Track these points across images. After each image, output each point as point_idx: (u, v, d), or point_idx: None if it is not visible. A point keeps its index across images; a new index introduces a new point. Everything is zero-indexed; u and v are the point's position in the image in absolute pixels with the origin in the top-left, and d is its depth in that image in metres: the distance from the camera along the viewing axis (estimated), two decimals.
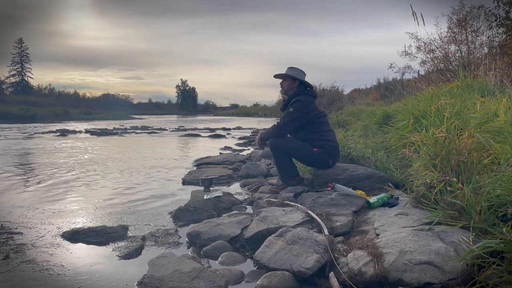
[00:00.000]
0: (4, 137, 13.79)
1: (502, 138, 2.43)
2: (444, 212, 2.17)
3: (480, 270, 1.73)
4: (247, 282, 2.14)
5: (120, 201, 4.08)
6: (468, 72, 7.06)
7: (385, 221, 2.50)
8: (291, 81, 3.79)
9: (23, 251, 2.57)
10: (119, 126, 22.33)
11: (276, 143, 3.68)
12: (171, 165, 6.87)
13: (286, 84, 3.81)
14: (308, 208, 2.86)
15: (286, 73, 3.77)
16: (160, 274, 1.99)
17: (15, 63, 59.15)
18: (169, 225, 3.23)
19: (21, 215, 3.50)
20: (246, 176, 5.26)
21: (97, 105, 51.14)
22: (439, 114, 3.10)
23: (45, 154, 8.65)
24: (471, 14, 12.88)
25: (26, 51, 60.01)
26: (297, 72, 3.78)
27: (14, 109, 32.16)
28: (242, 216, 3.08)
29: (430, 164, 2.51)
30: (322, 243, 2.17)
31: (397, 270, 1.83)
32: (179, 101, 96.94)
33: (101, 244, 2.76)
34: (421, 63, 14.33)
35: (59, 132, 16.52)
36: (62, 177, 5.57)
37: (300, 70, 3.81)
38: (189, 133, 16.35)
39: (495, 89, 5.02)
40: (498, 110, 3.18)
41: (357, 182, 3.44)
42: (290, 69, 3.80)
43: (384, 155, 4.20)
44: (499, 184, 2.00)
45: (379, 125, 6.68)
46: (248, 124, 24.91)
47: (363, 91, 28.40)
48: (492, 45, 12.42)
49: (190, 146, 11.30)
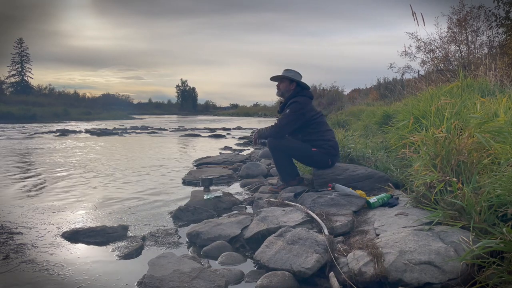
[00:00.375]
0: (4, 137, 13.79)
1: (502, 138, 2.43)
2: (444, 212, 2.17)
3: (480, 270, 1.73)
4: (247, 282, 2.14)
5: (120, 201, 4.09)
6: (468, 72, 7.06)
7: (385, 221, 2.50)
8: (288, 83, 3.78)
9: (23, 251, 2.57)
10: (119, 126, 22.34)
11: (275, 144, 3.68)
12: (171, 165, 6.87)
13: (283, 86, 3.81)
14: (308, 208, 2.86)
15: (283, 75, 3.77)
16: (160, 274, 1.99)
17: (15, 63, 59.20)
18: (169, 225, 3.23)
19: (21, 215, 3.50)
20: (246, 176, 5.26)
21: (97, 105, 51.12)
22: (439, 114, 3.10)
23: (45, 154, 8.65)
24: (471, 14, 12.88)
25: (26, 51, 60.09)
26: (293, 73, 3.78)
27: (14, 109, 32.17)
28: (242, 216, 3.09)
29: (430, 164, 2.51)
30: (322, 243, 2.17)
31: (397, 270, 1.83)
32: (179, 101, 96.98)
33: (101, 244, 2.76)
34: (421, 63, 14.34)
35: (59, 132, 16.53)
36: (62, 177, 5.57)
37: (296, 71, 3.81)
38: (189, 133, 16.35)
39: (495, 89, 5.02)
40: (498, 110, 3.18)
41: (357, 182, 3.44)
42: (286, 71, 3.80)
43: (384, 155, 4.20)
44: (499, 184, 2.00)
45: (379, 125, 6.68)
46: (248, 124, 24.91)
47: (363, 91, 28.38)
48: (492, 45, 12.41)
49: (190, 146, 11.30)
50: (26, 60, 59.73)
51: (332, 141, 3.71)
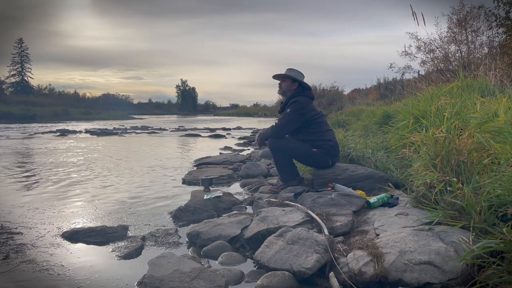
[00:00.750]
0: (4, 137, 13.79)
1: (502, 138, 2.43)
2: (444, 212, 2.17)
3: (480, 270, 1.73)
4: (247, 282, 2.14)
5: (120, 201, 4.09)
6: (468, 72, 7.06)
7: (385, 221, 2.50)
8: (290, 82, 3.79)
9: (23, 251, 2.57)
10: (119, 126, 22.34)
11: (275, 144, 3.68)
12: (171, 165, 6.87)
13: (285, 85, 3.81)
14: (308, 208, 2.86)
15: (286, 74, 3.78)
16: (160, 274, 1.99)
17: (15, 63, 59.23)
18: (169, 225, 3.23)
19: (21, 215, 3.50)
20: (246, 176, 5.26)
21: (97, 105, 51.15)
22: (439, 114, 3.10)
23: (45, 154, 8.65)
24: (471, 14, 12.88)
25: (26, 51, 60.11)
26: (296, 73, 3.79)
27: (14, 109, 32.17)
28: (242, 216, 3.09)
29: (430, 164, 2.51)
30: (322, 243, 2.17)
31: (397, 270, 1.83)
32: (179, 101, 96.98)
33: (101, 244, 2.76)
34: (421, 63, 14.35)
35: (59, 132, 16.53)
36: (62, 177, 5.57)
37: (298, 71, 3.82)
38: (189, 133, 16.35)
39: (495, 89, 5.02)
40: (498, 110, 3.18)
41: (357, 182, 3.44)
42: (289, 70, 3.80)
43: (384, 155, 4.20)
44: (499, 184, 2.00)
45: (379, 125, 6.68)
46: (248, 124, 24.89)
47: (363, 91, 28.39)
48: (492, 45, 12.42)
49: (190, 146, 11.30)
50: (26, 60, 59.82)
51: (333, 141, 3.71)
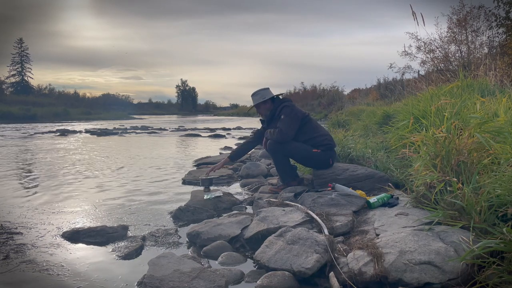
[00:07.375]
0: (4, 137, 13.79)
1: (502, 138, 2.43)
2: (444, 212, 2.17)
3: (480, 270, 1.73)
4: (247, 282, 2.14)
5: (120, 201, 4.09)
6: (468, 72, 7.06)
7: (385, 221, 2.50)
8: (264, 105, 3.84)
9: (23, 251, 2.57)
10: (119, 126, 22.34)
11: (275, 146, 3.66)
12: (171, 165, 6.87)
13: (263, 109, 3.87)
14: (308, 208, 2.86)
15: (256, 103, 3.83)
16: (160, 274, 1.99)
17: (15, 63, 59.14)
18: (169, 225, 3.23)
19: (21, 215, 3.50)
20: (246, 176, 5.26)
21: (97, 105, 51.17)
22: (439, 114, 3.10)
23: (45, 154, 8.65)
24: (471, 14, 12.88)
25: (26, 51, 60.00)
26: (261, 93, 3.84)
27: (14, 109, 32.19)
28: (242, 216, 3.08)
29: (430, 164, 2.51)
30: (322, 243, 2.17)
31: (397, 270, 1.83)
32: (179, 101, 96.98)
33: (101, 244, 2.76)
34: (421, 63, 14.33)
35: (59, 132, 16.53)
36: (62, 177, 5.57)
37: (261, 89, 3.87)
38: (189, 133, 16.35)
39: (495, 89, 5.02)
40: (498, 110, 3.18)
41: (357, 182, 3.44)
42: (255, 96, 3.85)
43: (384, 155, 4.20)
44: (499, 184, 2.00)
45: (379, 125, 6.68)
46: (248, 124, 24.91)
47: (363, 91, 28.42)
48: (492, 45, 12.41)
49: (190, 146, 11.30)
50: (26, 60, 59.73)
51: (327, 134, 3.81)
